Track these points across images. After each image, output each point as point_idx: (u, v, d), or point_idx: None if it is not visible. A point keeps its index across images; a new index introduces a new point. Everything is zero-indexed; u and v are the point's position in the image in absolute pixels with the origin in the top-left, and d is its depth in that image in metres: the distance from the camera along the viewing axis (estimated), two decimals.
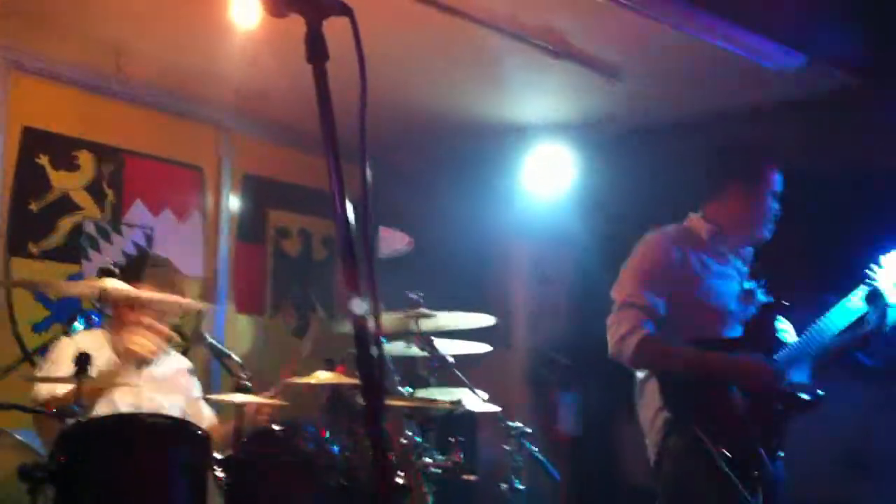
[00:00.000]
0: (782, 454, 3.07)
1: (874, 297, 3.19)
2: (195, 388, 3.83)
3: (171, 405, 3.61)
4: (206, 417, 3.74)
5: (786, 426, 3.09)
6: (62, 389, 3.14)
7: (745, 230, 3.23)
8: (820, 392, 3.14)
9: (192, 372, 3.87)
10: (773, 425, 3.05)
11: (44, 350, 3.53)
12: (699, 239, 3.23)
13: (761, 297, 3.27)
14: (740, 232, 3.23)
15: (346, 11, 1.47)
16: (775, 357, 3.12)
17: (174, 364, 3.81)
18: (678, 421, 3.00)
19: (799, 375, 3.20)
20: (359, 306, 1.41)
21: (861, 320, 3.22)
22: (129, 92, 5.02)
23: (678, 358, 3.05)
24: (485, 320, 3.71)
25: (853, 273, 3.35)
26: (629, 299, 3.09)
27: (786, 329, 3.32)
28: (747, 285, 3.25)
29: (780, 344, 3.18)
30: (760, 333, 3.15)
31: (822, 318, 3.20)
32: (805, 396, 3.12)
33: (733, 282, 3.21)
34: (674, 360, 3.06)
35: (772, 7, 3.90)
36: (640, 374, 3.21)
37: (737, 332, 3.17)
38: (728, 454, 2.88)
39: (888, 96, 4.39)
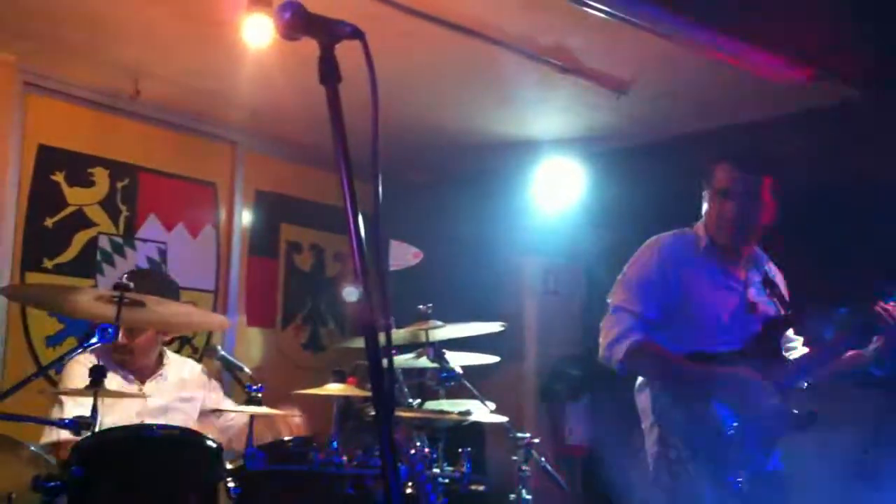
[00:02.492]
0: (781, 468, 3.05)
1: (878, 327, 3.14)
2: (213, 389, 3.85)
3: (172, 421, 3.63)
4: (226, 415, 3.76)
5: (775, 442, 3.04)
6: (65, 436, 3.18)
7: (718, 236, 3.19)
8: (813, 409, 3.10)
9: (203, 373, 3.88)
10: (762, 443, 3.00)
11: (58, 363, 3.56)
12: (698, 246, 3.21)
13: (770, 310, 3.24)
14: (718, 239, 3.20)
15: (358, 35, 1.52)
16: (774, 373, 3.08)
17: (182, 373, 3.82)
18: (667, 435, 3.01)
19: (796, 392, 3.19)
20: (351, 294, 1.45)
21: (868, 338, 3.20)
22: (144, 111, 5.10)
23: (667, 367, 3.04)
24: (492, 328, 3.75)
25: (859, 285, 3.35)
26: (622, 304, 3.09)
27: (794, 346, 3.30)
28: (754, 298, 3.21)
29: (782, 361, 3.14)
30: (759, 349, 3.08)
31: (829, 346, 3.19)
32: (796, 412, 3.09)
33: (732, 294, 3.16)
34: (663, 368, 3.05)
35: (775, 22, 3.93)
36: (639, 380, 3.22)
37: (734, 345, 3.10)
38: (710, 473, 2.89)
39: (892, 108, 4.41)
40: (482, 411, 3.59)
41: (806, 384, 3.20)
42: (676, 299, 3.10)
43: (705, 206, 3.20)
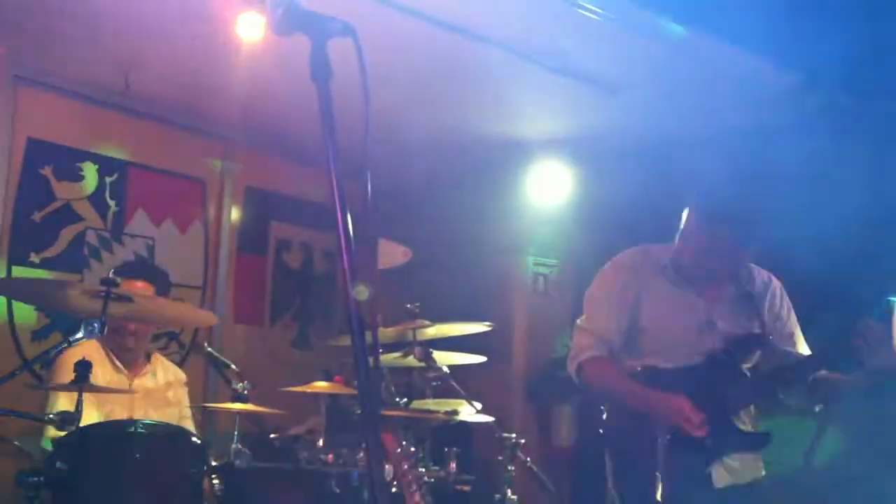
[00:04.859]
0: (741, 483, 3.03)
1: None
2: (186, 400, 3.87)
3: (161, 416, 3.65)
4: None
5: (715, 461, 3.01)
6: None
7: (683, 260, 3.20)
8: (765, 432, 3.10)
9: (185, 384, 3.90)
10: (701, 461, 2.99)
11: (43, 357, 3.55)
12: (659, 263, 3.22)
13: (736, 328, 3.14)
14: (690, 262, 3.17)
15: (350, 32, 1.51)
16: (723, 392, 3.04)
17: (168, 376, 3.84)
18: (609, 443, 3.12)
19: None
20: (360, 292, 1.45)
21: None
22: (134, 105, 5.07)
23: (610, 385, 3.14)
24: (480, 328, 3.76)
25: (849, 295, 3.34)
26: (581, 323, 3.22)
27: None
28: (717, 315, 3.14)
29: (738, 380, 3.07)
30: (715, 366, 3.06)
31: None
32: (745, 432, 3.07)
33: (691, 310, 3.14)
34: (607, 386, 3.15)
35: (768, 26, 3.94)
36: None
37: (690, 362, 3.09)
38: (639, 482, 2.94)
39: (883, 114, 4.42)
40: (469, 411, 3.60)
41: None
42: (633, 315, 3.16)
43: (683, 227, 3.20)
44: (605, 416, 3.19)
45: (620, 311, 3.16)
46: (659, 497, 2.86)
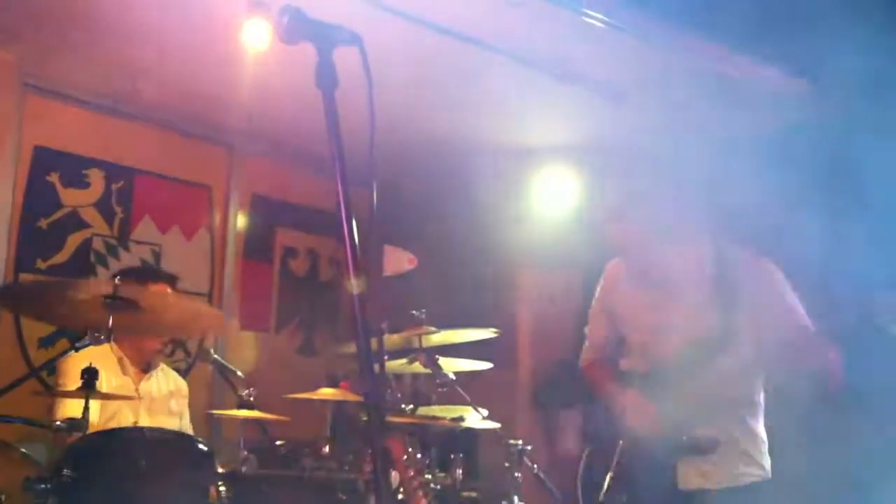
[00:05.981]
0: (705, 489, 3.02)
1: None
2: (187, 414, 3.87)
3: (162, 424, 3.65)
4: None
5: (673, 462, 3.03)
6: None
7: (633, 260, 3.29)
8: (717, 440, 3.04)
9: (186, 397, 3.90)
10: (660, 461, 3.02)
11: (50, 364, 3.56)
12: (631, 272, 3.30)
13: (696, 325, 3.08)
14: (634, 262, 3.28)
15: (356, 41, 1.52)
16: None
17: (171, 384, 3.84)
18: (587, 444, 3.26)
19: None
20: (354, 285, 1.45)
21: None
22: (140, 113, 5.09)
23: (599, 386, 3.31)
24: (486, 334, 3.76)
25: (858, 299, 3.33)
26: (586, 329, 3.42)
27: None
28: (672, 315, 3.11)
29: (695, 379, 3.02)
30: (672, 366, 3.06)
31: None
32: (685, 439, 3.05)
33: (652, 311, 3.16)
34: (597, 387, 3.33)
35: (775, 33, 3.94)
36: None
37: (653, 364, 3.14)
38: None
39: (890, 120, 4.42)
40: (475, 417, 3.60)
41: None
42: (614, 322, 3.33)
43: None
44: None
45: (604, 320, 3.35)
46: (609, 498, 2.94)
